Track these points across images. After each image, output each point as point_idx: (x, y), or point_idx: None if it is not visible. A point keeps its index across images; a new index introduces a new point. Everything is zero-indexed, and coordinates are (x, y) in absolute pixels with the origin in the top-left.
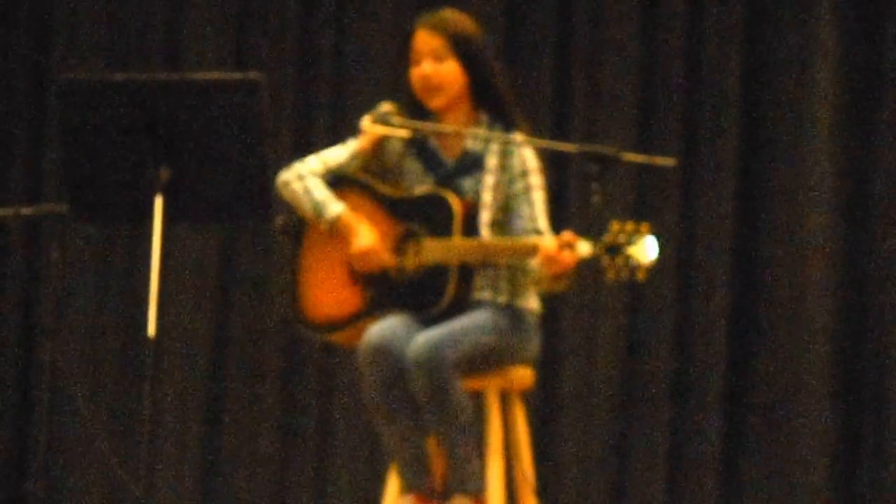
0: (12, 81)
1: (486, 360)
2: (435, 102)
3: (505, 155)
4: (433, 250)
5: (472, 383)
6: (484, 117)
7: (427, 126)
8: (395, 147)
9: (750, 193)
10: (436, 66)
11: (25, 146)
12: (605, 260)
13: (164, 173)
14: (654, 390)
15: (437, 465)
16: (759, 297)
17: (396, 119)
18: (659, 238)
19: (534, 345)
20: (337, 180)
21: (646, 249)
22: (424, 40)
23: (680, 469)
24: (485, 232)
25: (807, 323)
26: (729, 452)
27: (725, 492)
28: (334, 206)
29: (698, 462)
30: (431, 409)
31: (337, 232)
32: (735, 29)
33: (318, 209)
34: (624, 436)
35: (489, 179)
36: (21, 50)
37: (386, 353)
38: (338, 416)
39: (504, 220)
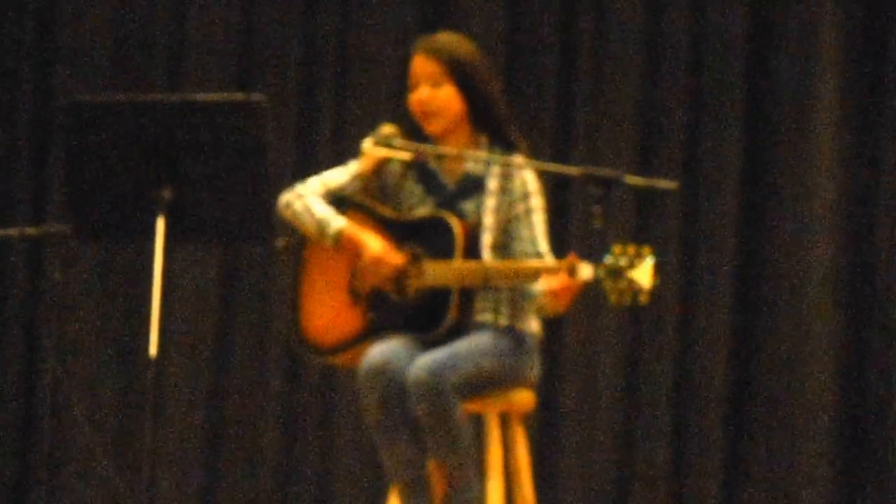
0: (17, 103)
1: (486, 383)
2: (433, 128)
3: (505, 177)
4: (434, 273)
5: (473, 406)
6: (483, 140)
7: (428, 148)
8: (396, 169)
9: (752, 216)
10: (433, 92)
11: (29, 167)
12: (608, 284)
13: (167, 194)
14: (654, 413)
15: (438, 487)
16: (761, 318)
17: (398, 141)
18: (660, 260)
19: (534, 367)
20: (337, 202)
21: (648, 273)
22: (421, 65)
23: (682, 491)
24: (486, 255)
25: (810, 344)
26: (731, 474)
27: None
28: (337, 222)
29: (700, 483)
30: (432, 432)
31: (342, 246)
32: (737, 49)
33: (321, 226)
34: (625, 458)
35: (490, 202)
36: (25, 72)
37: (386, 375)
38: (339, 437)
39: (504, 242)
